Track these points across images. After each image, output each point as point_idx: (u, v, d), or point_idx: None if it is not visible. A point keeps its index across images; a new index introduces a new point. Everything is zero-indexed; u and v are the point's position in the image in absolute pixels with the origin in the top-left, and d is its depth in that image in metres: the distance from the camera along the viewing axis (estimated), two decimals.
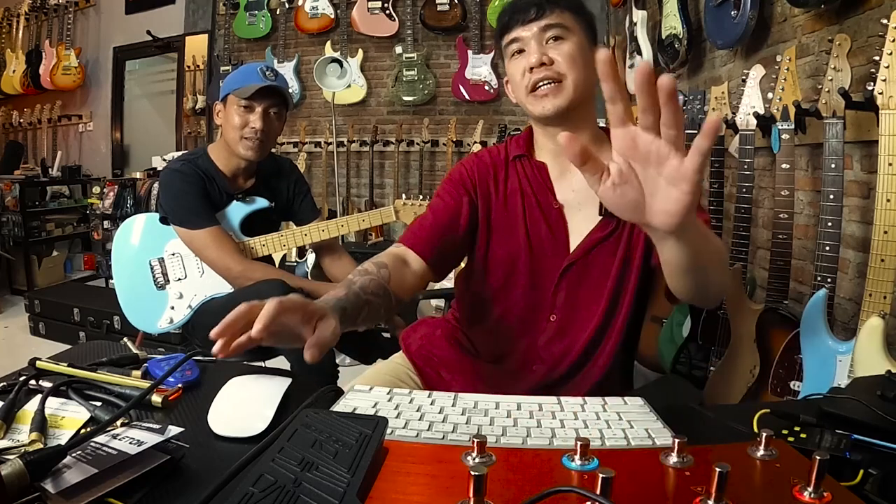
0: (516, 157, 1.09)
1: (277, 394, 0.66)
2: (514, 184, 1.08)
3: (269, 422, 0.62)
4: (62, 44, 5.01)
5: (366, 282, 0.92)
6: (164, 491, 0.50)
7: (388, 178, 4.38)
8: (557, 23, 0.99)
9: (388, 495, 0.47)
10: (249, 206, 1.73)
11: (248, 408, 0.64)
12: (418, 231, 1.07)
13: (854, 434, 0.58)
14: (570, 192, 1.06)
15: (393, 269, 0.99)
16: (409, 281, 1.02)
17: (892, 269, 1.24)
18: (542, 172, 1.07)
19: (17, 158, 5.10)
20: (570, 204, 1.06)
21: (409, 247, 1.05)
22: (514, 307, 1.09)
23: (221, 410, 0.64)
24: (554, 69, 0.99)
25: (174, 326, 1.73)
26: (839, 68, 1.44)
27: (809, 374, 1.39)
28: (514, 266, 1.07)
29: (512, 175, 1.09)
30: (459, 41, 4.15)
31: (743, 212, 1.85)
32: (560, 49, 0.99)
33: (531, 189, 1.07)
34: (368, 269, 0.97)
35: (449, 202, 1.09)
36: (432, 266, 1.05)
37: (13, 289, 4.44)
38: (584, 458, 0.50)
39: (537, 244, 1.06)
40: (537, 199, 1.06)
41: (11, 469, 0.45)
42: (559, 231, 1.05)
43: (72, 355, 0.83)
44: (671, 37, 2.68)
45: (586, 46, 1.01)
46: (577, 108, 1.01)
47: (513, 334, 1.10)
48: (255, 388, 0.69)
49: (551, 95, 0.99)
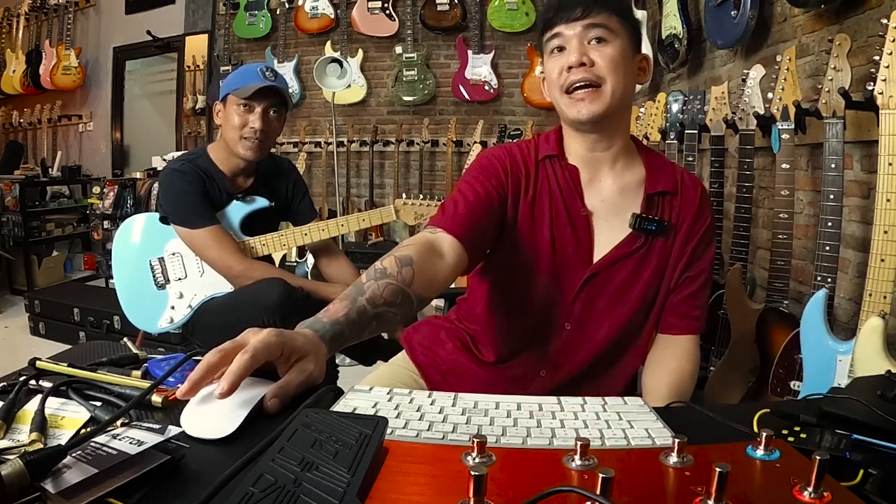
0: (547, 156, 1.05)
1: (253, 399, 0.64)
2: (543, 184, 1.04)
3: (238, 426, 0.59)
4: (62, 44, 5.01)
5: (378, 290, 0.82)
6: (164, 491, 0.50)
7: (388, 178, 4.38)
8: (602, 23, 0.95)
9: (388, 495, 0.47)
10: (249, 206, 1.73)
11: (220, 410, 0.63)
12: (453, 214, 0.98)
13: (854, 434, 0.58)
14: (598, 201, 1.03)
15: (419, 265, 0.87)
16: (441, 274, 0.91)
17: (892, 269, 1.24)
18: (573, 176, 1.03)
19: (17, 158, 5.10)
20: (598, 213, 1.03)
21: (445, 229, 0.95)
22: (530, 311, 1.06)
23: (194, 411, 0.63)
24: (594, 72, 0.94)
25: (174, 326, 1.73)
26: (839, 68, 1.43)
27: (809, 374, 1.39)
28: (535, 269, 1.03)
29: (542, 175, 1.04)
30: (459, 41, 4.15)
31: (743, 212, 1.86)
32: (602, 51, 0.94)
33: (560, 192, 1.03)
34: (388, 268, 0.85)
35: (480, 189, 1.01)
36: (469, 253, 0.96)
37: (13, 289, 4.45)
38: (584, 458, 0.50)
39: (561, 249, 1.03)
40: (566, 204, 1.02)
41: (11, 469, 0.45)
42: (584, 239, 1.02)
43: (72, 355, 0.83)
44: (671, 37, 2.68)
45: (629, 52, 0.98)
46: (612, 116, 0.97)
47: (525, 338, 1.08)
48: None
49: (588, 100, 0.95)
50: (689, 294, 1.05)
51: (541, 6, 3.98)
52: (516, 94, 4.18)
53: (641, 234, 1.01)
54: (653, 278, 1.04)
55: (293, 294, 1.55)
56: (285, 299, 1.52)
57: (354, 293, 0.81)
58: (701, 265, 1.05)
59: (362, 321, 0.79)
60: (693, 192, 1.06)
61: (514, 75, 4.18)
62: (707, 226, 1.06)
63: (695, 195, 1.05)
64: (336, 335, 0.75)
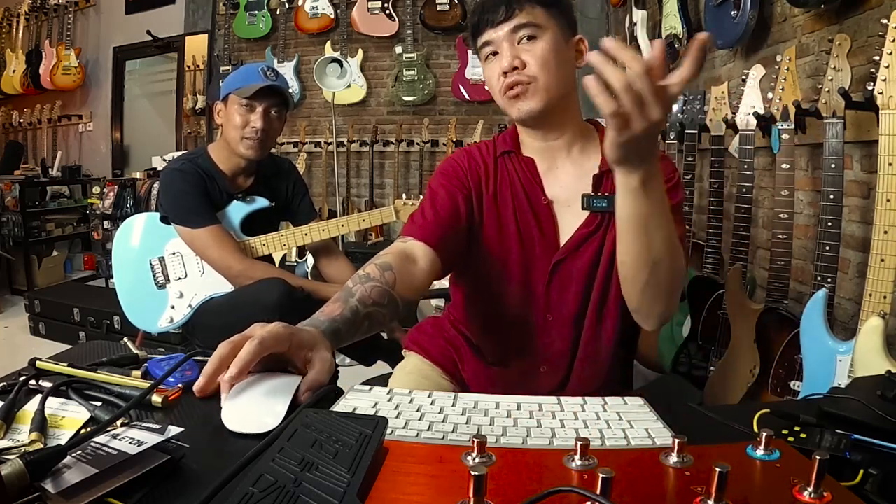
0: (504, 152, 1.08)
1: (289, 391, 0.66)
2: (503, 180, 1.07)
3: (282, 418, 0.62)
4: (62, 44, 5.01)
5: (366, 291, 0.87)
6: (164, 491, 0.50)
7: (388, 178, 4.38)
8: (528, 21, 0.96)
9: (388, 495, 0.47)
10: (250, 206, 1.73)
11: (259, 405, 0.64)
12: (421, 222, 1.02)
13: (854, 434, 0.58)
14: (558, 188, 1.05)
15: (399, 270, 0.93)
16: (419, 278, 0.97)
17: (892, 269, 1.24)
18: (530, 168, 1.06)
19: (17, 158, 5.10)
20: (559, 200, 1.05)
21: (416, 238, 1.00)
22: (509, 306, 1.07)
23: (233, 407, 0.64)
24: (525, 73, 0.96)
25: (174, 326, 1.74)
26: (839, 68, 1.43)
27: (809, 374, 1.39)
28: (505, 263, 1.05)
29: (501, 171, 1.07)
30: (459, 41, 4.14)
31: (743, 212, 1.85)
32: (532, 50, 0.96)
33: (520, 184, 1.05)
34: (371, 273, 0.91)
35: (445, 194, 1.05)
36: (441, 256, 1.00)
37: (13, 289, 4.45)
38: (584, 458, 0.50)
39: (528, 240, 1.05)
40: (527, 195, 1.05)
41: (11, 469, 0.45)
42: (548, 227, 1.04)
43: (72, 355, 0.83)
44: (671, 37, 2.68)
45: (562, 41, 0.98)
46: (554, 107, 0.99)
47: (512, 335, 1.08)
48: (266, 385, 0.69)
49: (523, 97, 0.97)
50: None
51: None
52: None
53: (597, 214, 1.01)
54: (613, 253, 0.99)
55: (293, 294, 1.55)
56: (285, 299, 1.52)
57: (345, 295, 0.87)
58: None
59: (356, 320, 0.84)
60: None
61: None
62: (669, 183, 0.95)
63: None
64: (334, 332, 0.78)
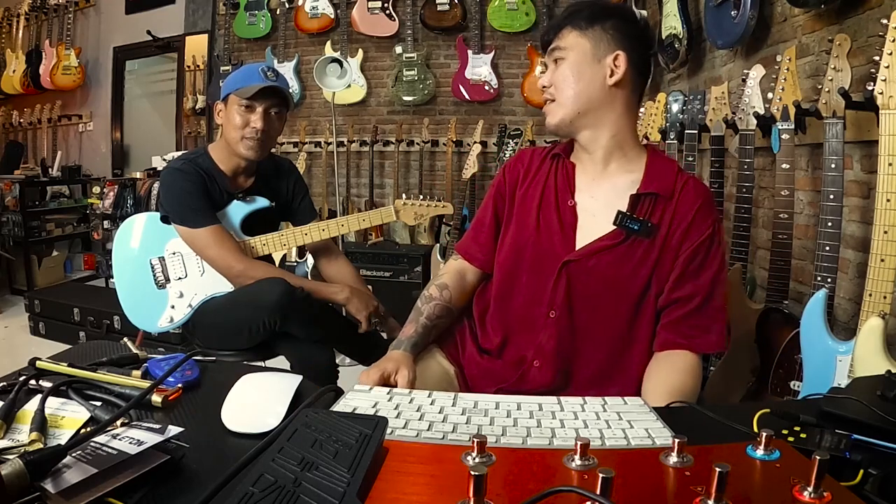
0: (555, 154, 1.16)
1: (289, 391, 0.66)
2: (540, 177, 1.14)
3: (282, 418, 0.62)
4: (62, 44, 5.01)
5: (431, 309, 1.11)
6: (164, 491, 0.50)
7: (388, 178, 4.38)
8: (557, 45, 1.08)
9: (388, 495, 0.47)
10: (250, 206, 1.73)
11: (260, 404, 0.65)
12: (473, 243, 1.20)
13: (854, 434, 0.58)
14: (588, 197, 1.10)
15: (454, 288, 1.15)
16: (469, 290, 1.19)
17: (892, 269, 1.24)
18: (569, 171, 1.13)
19: (17, 158, 5.10)
20: (586, 207, 1.09)
21: (468, 260, 1.20)
22: (518, 296, 1.11)
23: (234, 407, 0.64)
24: (549, 91, 1.09)
25: (174, 325, 1.73)
26: (839, 68, 1.43)
27: (809, 374, 1.39)
28: (521, 253, 1.11)
29: (543, 170, 1.15)
30: (459, 41, 4.14)
31: (743, 212, 1.85)
32: (557, 71, 1.08)
33: (555, 184, 1.13)
34: (433, 294, 1.13)
35: (491, 211, 1.19)
36: (487, 269, 1.19)
37: (13, 289, 4.44)
38: (584, 458, 0.50)
39: (546, 234, 1.09)
40: (556, 194, 1.11)
41: (11, 469, 0.45)
42: (568, 227, 1.08)
43: (72, 355, 0.83)
44: (671, 37, 2.68)
45: (588, 61, 1.06)
46: (578, 122, 1.07)
47: (514, 324, 1.11)
48: (267, 385, 0.69)
49: (547, 112, 1.11)
50: (684, 314, 1.02)
51: (541, 6, 3.98)
52: (516, 94, 4.18)
53: (623, 231, 1.04)
54: (637, 276, 1.04)
55: (293, 294, 1.55)
56: (285, 299, 1.52)
57: (416, 316, 1.11)
58: (696, 286, 1.02)
59: (427, 332, 1.10)
60: (692, 201, 1.04)
61: (514, 75, 4.17)
62: (704, 238, 1.02)
63: (693, 204, 1.04)
64: (415, 345, 1.06)
